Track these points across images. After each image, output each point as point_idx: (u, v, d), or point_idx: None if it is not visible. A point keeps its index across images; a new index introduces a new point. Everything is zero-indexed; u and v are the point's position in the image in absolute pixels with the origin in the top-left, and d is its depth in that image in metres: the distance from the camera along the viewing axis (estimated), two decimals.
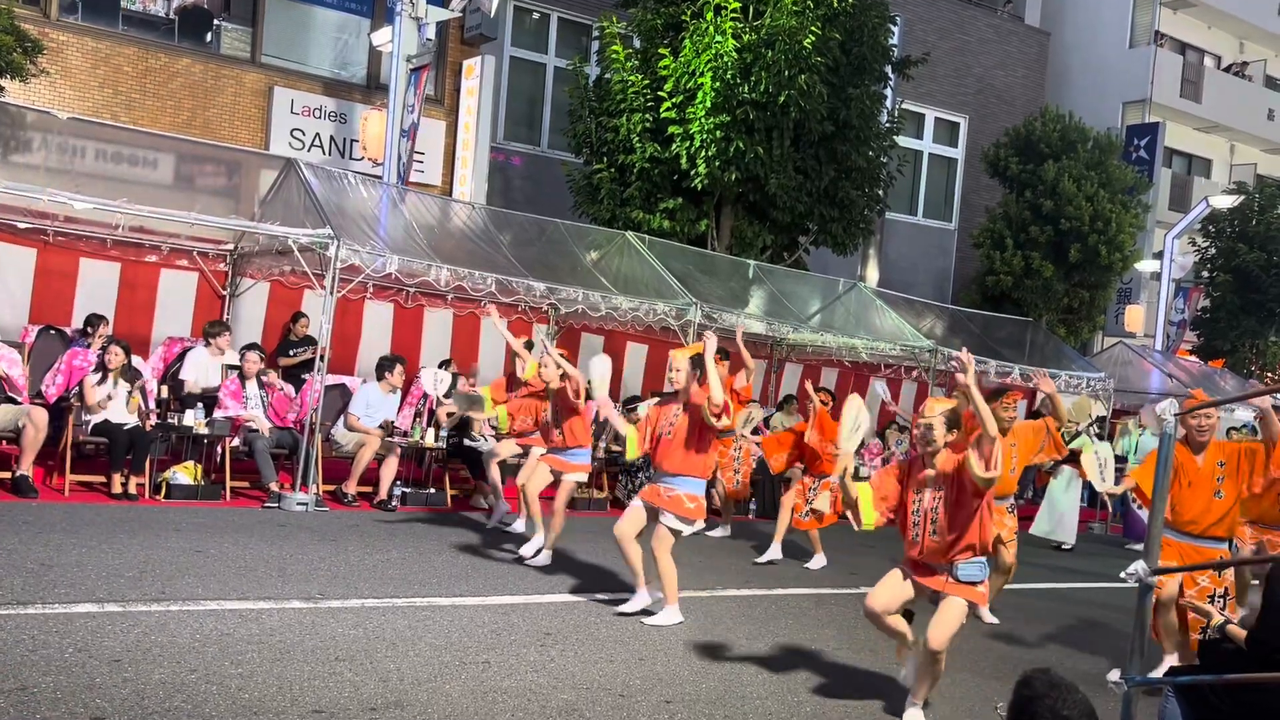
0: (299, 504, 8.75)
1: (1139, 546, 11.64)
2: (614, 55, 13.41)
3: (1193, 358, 21.96)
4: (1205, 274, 23.36)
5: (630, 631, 6.12)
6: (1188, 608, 4.91)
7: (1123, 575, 3.79)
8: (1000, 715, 2.60)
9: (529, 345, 8.91)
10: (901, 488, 4.99)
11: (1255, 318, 22.89)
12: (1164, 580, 5.77)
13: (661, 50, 13.07)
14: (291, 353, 10.63)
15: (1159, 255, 21.64)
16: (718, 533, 10.12)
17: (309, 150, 14.36)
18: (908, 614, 4.95)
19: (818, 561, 8.98)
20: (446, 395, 9.79)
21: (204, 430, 8.86)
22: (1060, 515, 12.12)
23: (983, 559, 4.75)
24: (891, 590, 4.93)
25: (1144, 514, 11.94)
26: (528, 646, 5.56)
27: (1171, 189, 25.96)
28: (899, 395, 14.92)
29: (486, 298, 10.32)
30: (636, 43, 13.90)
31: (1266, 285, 22.56)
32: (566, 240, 11.59)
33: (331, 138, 14.70)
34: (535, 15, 17.25)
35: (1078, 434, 12.50)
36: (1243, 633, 4.12)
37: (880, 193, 14.68)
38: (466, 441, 10.10)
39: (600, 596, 6.90)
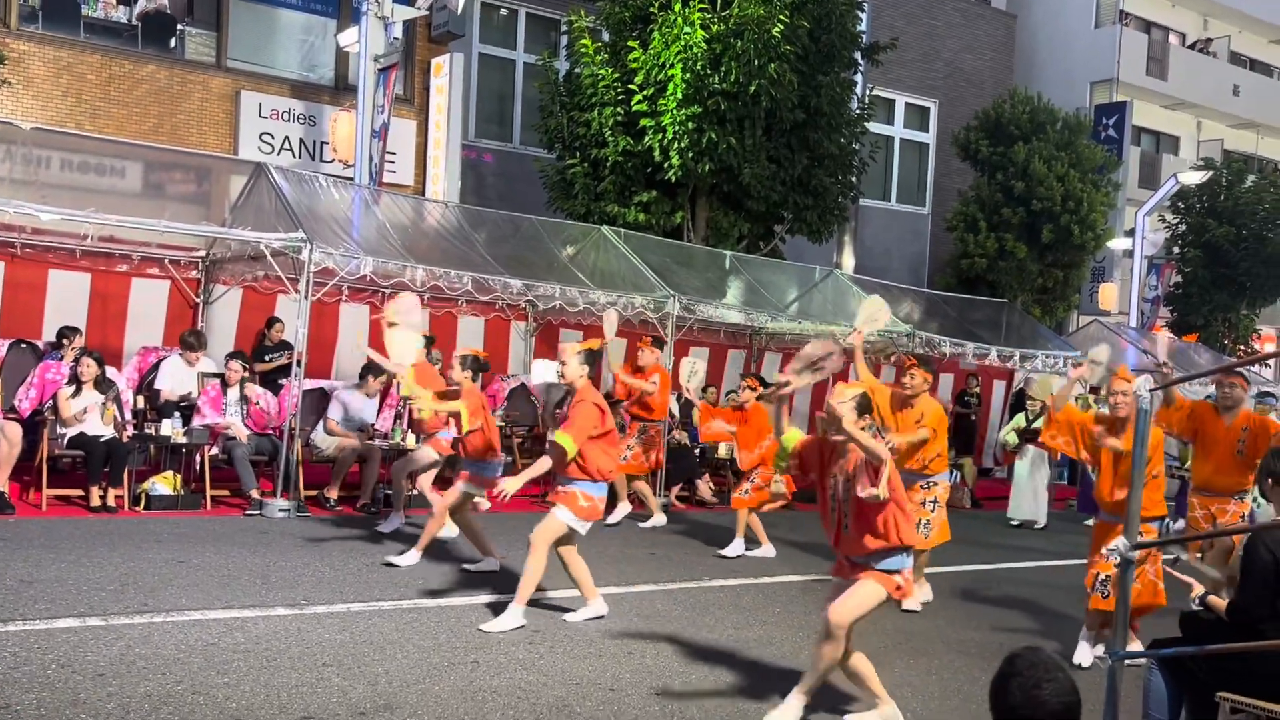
0: (280, 510, 8.69)
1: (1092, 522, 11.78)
2: (583, 49, 13.37)
3: (1167, 332, 22.16)
4: (1176, 250, 23.56)
5: (618, 626, 6.12)
6: (1173, 576, 4.90)
7: (1103, 552, 3.82)
8: None
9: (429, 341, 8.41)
10: (821, 465, 4.73)
11: (1226, 291, 23.11)
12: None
13: (631, 43, 13.04)
14: (267, 358, 10.55)
15: (1130, 233, 21.79)
16: (651, 523, 9.67)
17: (279, 154, 14.24)
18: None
19: (766, 550, 8.75)
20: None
21: (182, 439, 8.78)
22: (1027, 495, 12.12)
23: (904, 554, 4.55)
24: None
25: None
26: (516, 645, 5.55)
27: (1141, 167, 26.14)
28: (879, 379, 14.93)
29: (462, 296, 10.28)
30: (605, 36, 13.86)
31: (1236, 259, 22.79)
32: (542, 236, 11.56)
33: (301, 140, 14.58)
34: (503, 11, 17.17)
35: (1042, 412, 12.60)
36: (1222, 603, 4.16)
37: (853, 179, 14.71)
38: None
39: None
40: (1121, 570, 3.69)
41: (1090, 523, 11.79)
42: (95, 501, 8.26)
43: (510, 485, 5.81)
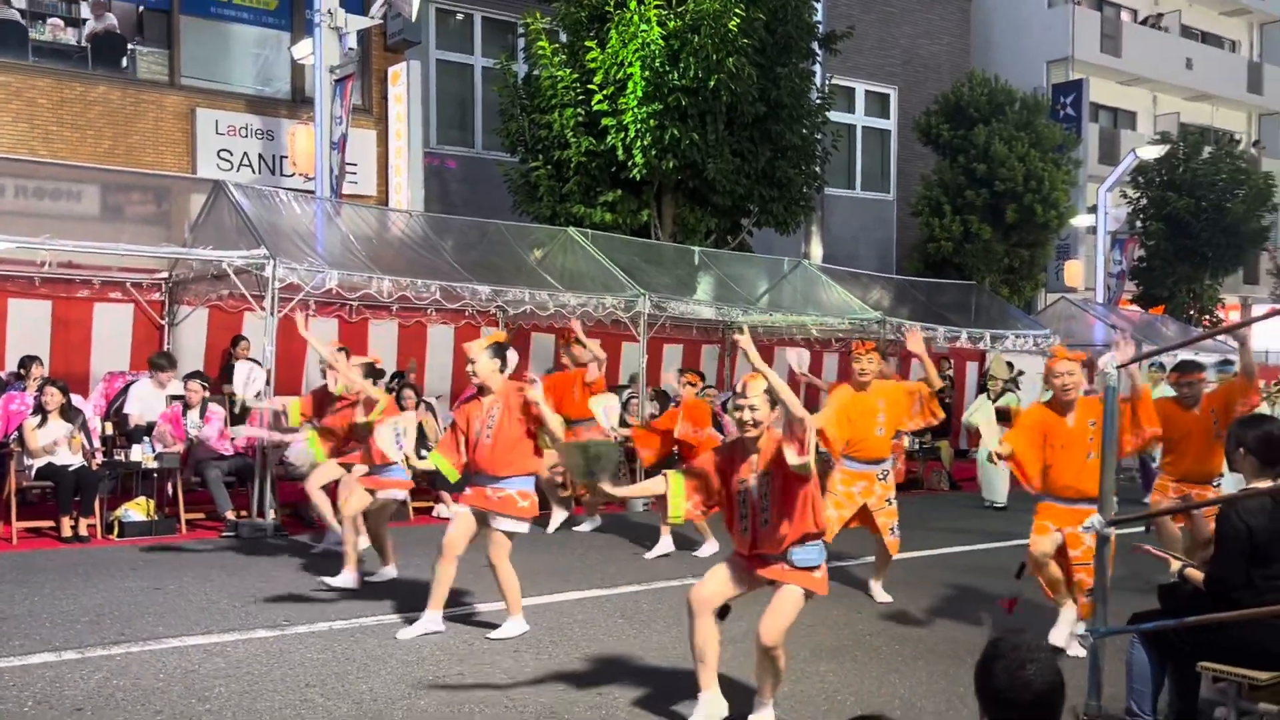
0: (257, 530, 8.60)
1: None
2: (540, 51, 13.32)
3: (1134, 307, 22.41)
4: (1139, 224, 23.82)
5: (603, 630, 6.10)
6: (1150, 553, 4.90)
7: (1080, 529, 3.84)
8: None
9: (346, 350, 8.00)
10: (723, 478, 4.51)
11: (1189, 263, 23.42)
12: (1036, 539, 5.64)
13: (588, 43, 13.01)
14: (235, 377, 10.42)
15: (1093, 209, 22.00)
16: (586, 526, 9.46)
17: (238, 170, 14.09)
18: (723, 610, 4.51)
19: (709, 548, 8.43)
20: (257, 396, 8.84)
21: (153, 464, 8.67)
22: (991, 475, 12.07)
23: (819, 542, 4.39)
24: (719, 584, 4.49)
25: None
26: (501, 654, 5.52)
27: (1100, 143, 26.41)
28: (850, 367, 15.00)
29: (431, 305, 10.22)
30: (562, 37, 13.81)
31: (1197, 230, 23.09)
32: (508, 241, 11.50)
33: (260, 156, 14.43)
34: (458, 16, 17.08)
35: (1003, 391, 12.69)
36: (1200, 575, 4.20)
37: (817, 169, 14.75)
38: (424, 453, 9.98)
39: (569, 598, 6.87)
40: (1098, 546, 3.71)
41: None
42: (67, 532, 8.15)
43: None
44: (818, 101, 14.73)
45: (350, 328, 11.62)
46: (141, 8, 14.17)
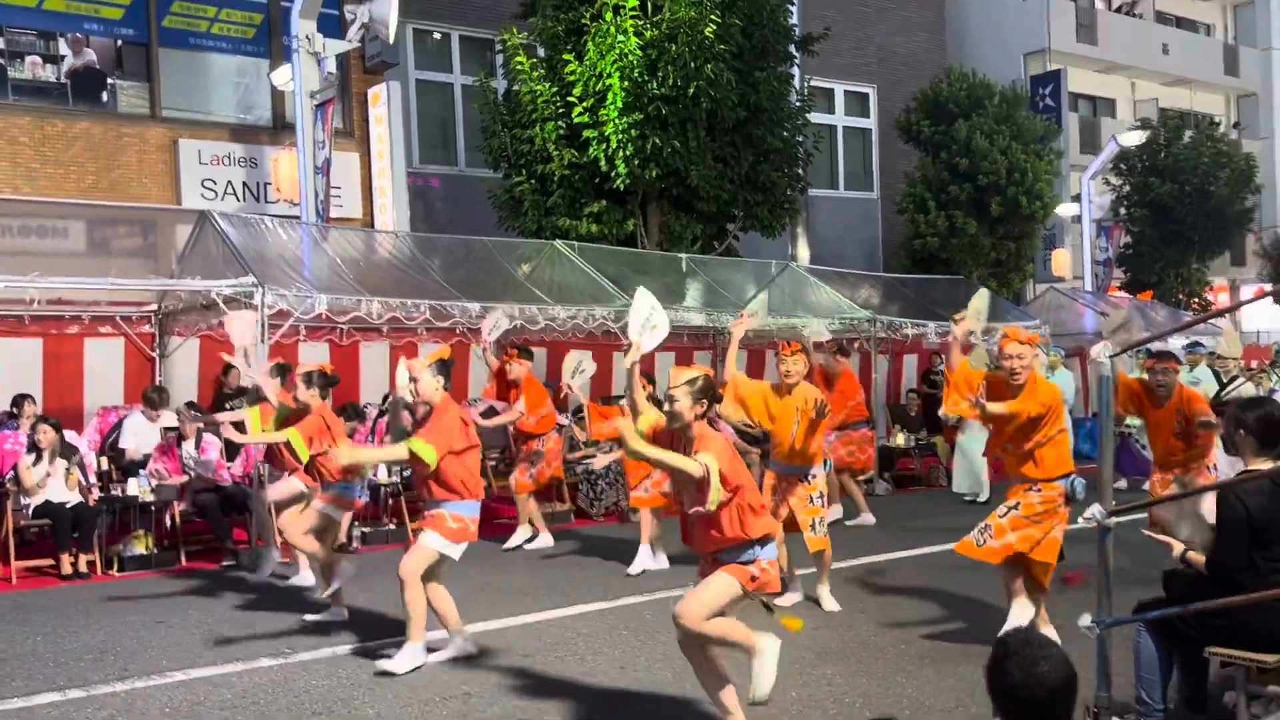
0: (257, 559, 8.55)
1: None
2: (519, 66, 13.34)
3: (1122, 293, 22.49)
4: (1123, 211, 23.94)
5: (607, 642, 6.09)
6: (1155, 539, 4.91)
7: (1081, 519, 3.85)
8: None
9: (281, 369, 7.68)
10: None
11: (1175, 247, 23.53)
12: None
13: (566, 56, 13.03)
14: (228, 406, 10.39)
15: (1077, 198, 22.10)
16: (538, 543, 9.11)
17: (223, 199, 14.07)
18: (766, 606, 4.36)
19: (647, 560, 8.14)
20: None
21: (150, 497, 8.64)
22: (972, 468, 12.01)
23: (758, 545, 4.18)
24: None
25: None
26: (506, 672, 5.50)
27: (1080, 132, 26.55)
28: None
29: (421, 325, 10.20)
30: (540, 51, 13.84)
31: (1182, 215, 23.20)
32: (495, 257, 11.50)
33: (245, 184, 14.42)
34: (436, 36, 17.11)
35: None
36: (1201, 558, 4.21)
37: (800, 171, 14.79)
38: None
39: (574, 611, 6.86)
40: (1100, 536, 3.71)
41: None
42: (67, 569, 8.11)
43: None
44: (797, 104, 14.77)
45: (341, 351, 11.60)
46: (120, 42, 14.17)
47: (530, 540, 9.17)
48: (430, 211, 16.31)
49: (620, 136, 12.53)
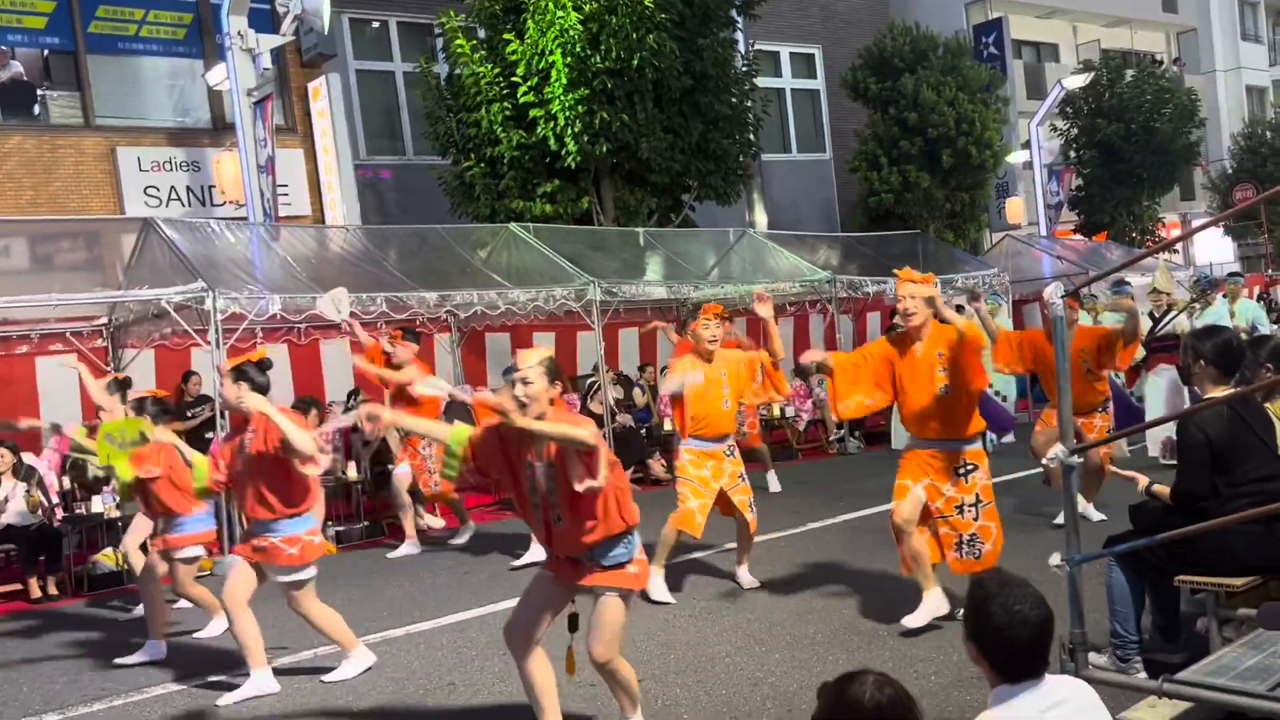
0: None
1: (1009, 439, 11.82)
2: (459, 49, 13.16)
3: (1077, 236, 22.69)
4: (1072, 154, 24.12)
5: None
6: (1113, 475, 4.93)
7: (1045, 461, 3.86)
8: (960, 620, 2.61)
9: (121, 385, 7.08)
10: (505, 451, 3.90)
11: (1126, 186, 23.75)
12: (897, 505, 5.26)
13: (506, 35, 12.87)
14: (190, 414, 10.25)
15: (1026, 145, 22.24)
16: (461, 539, 8.65)
17: (167, 205, 13.82)
18: (572, 620, 4.06)
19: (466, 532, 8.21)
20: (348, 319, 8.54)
21: (116, 513, 8.49)
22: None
23: (629, 535, 3.90)
24: (531, 615, 4.06)
25: (1008, 406, 12.30)
26: (491, 659, 5.47)
27: (1026, 78, 26.64)
28: (807, 330, 15.07)
29: (380, 318, 10.09)
30: (480, 33, 13.66)
31: (1130, 154, 23.42)
32: (450, 244, 11.39)
33: (188, 188, 14.16)
34: (374, 24, 16.83)
35: None
36: (1166, 490, 4.25)
37: (751, 137, 14.74)
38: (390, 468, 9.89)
39: None
40: (1064, 475, 3.73)
41: (999, 440, 12.03)
42: (36, 593, 7.97)
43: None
44: (743, 69, 14.71)
45: (301, 351, 11.47)
46: (46, 51, 13.82)
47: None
48: (382, 203, 16.12)
49: (567, 114, 12.41)
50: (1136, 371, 9.71)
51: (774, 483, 10.36)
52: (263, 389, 5.11)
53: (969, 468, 5.24)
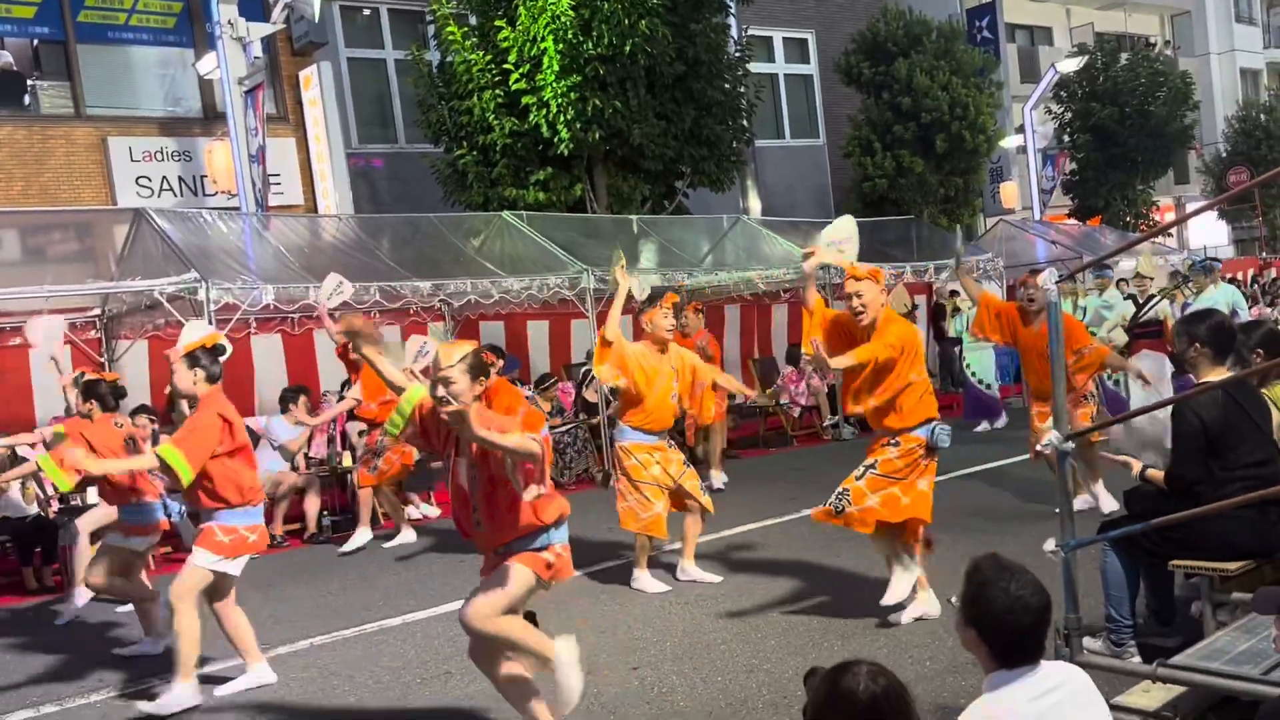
0: None
1: (1001, 423, 11.79)
2: (451, 37, 13.09)
3: (1071, 220, 22.70)
4: (1066, 138, 24.11)
5: (587, 607, 6.08)
6: (1108, 459, 4.93)
7: (1039, 447, 3.87)
8: (954, 605, 2.60)
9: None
10: (445, 438, 3.78)
11: (1120, 169, 23.76)
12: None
13: (498, 22, 12.81)
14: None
15: (1020, 129, 22.23)
16: (398, 540, 8.50)
17: (159, 195, 13.76)
18: (529, 616, 3.88)
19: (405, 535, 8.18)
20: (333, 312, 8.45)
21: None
22: None
23: (544, 533, 3.75)
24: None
25: (993, 393, 12.27)
26: None
27: (1019, 62, 26.62)
28: (801, 317, 15.03)
29: (374, 308, 10.06)
30: (472, 20, 13.59)
31: (1124, 137, 23.41)
32: (443, 233, 11.35)
33: (180, 178, 14.10)
34: (365, 11, 16.74)
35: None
36: (1160, 475, 4.25)
37: (744, 123, 14.69)
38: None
39: None
40: (1059, 461, 3.73)
41: (993, 425, 12.03)
42: (32, 584, 7.97)
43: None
44: (736, 54, 14.65)
45: (295, 341, 11.44)
46: (36, 41, 13.74)
47: (392, 538, 8.53)
48: (374, 191, 16.06)
49: (559, 100, 12.36)
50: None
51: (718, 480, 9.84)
52: (214, 377, 4.99)
53: (894, 441, 5.13)
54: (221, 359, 5.10)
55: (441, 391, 3.53)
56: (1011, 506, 7.67)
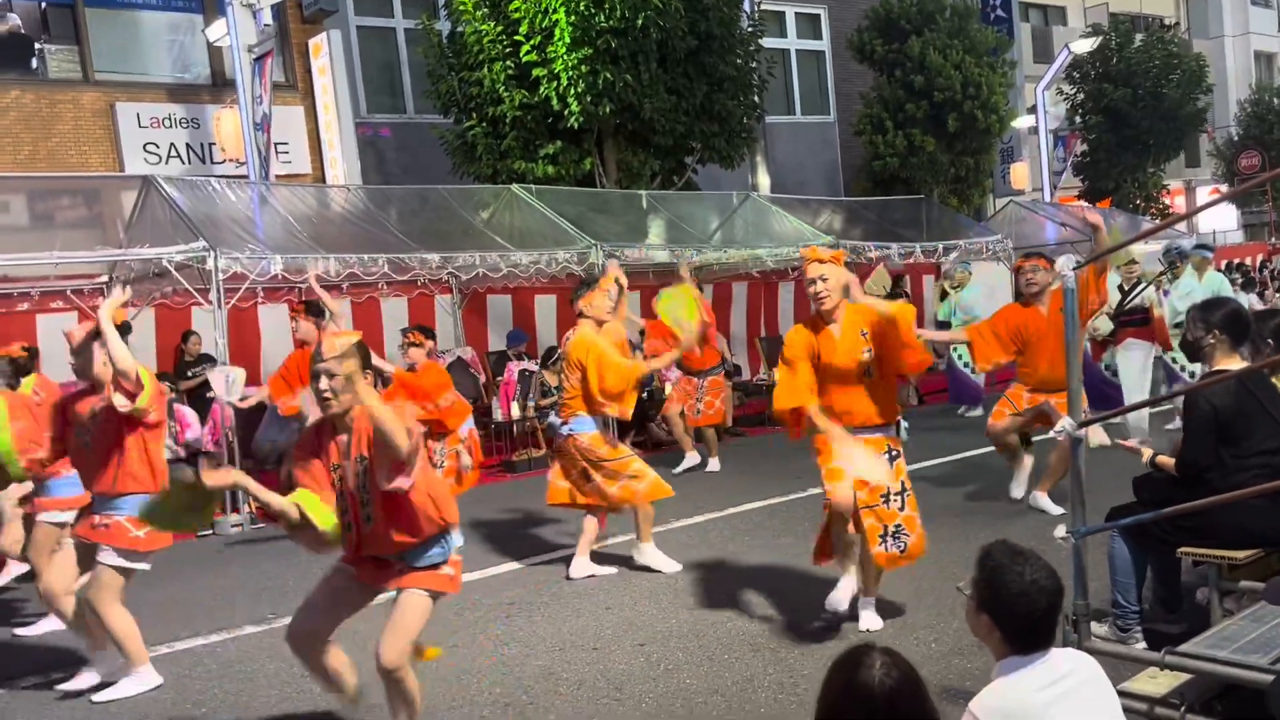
0: (233, 526, 8.51)
1: (976, 412, 11.71)
2: (461, 6, 12.98)
3: (1080, 202, 22.57)
4: (1079, 119, 23.94)
5: (593, 584, 6.11)
6: (1121, 449, 4.89)
7: (1051, 433, 3.86)
8: (964, 592, 2.60)
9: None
10: (323, 459, 3.60)
11: (1131, 152, 23.61)
12: (831, 487, 4.70)
13: None
14: (190, 374, 10.26)
15: (1032, 109, 22.06)
16: None
17: (167, 162, 13.71)
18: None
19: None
20: (242, 400, 8.23)
21: None
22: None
23: (445, 536, 3.66)
24: (314, 616, 3.76)
25: (977, 378, 12.20)
26: (492, 620, 5.51)
27: (1033, 42, 26.39)
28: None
29: (381, 279, 10.06)
30: None
31: (1137, 119, 23.24)
32: (452, 205, 11.31)
33: (188, 145, 14.04)
34: None
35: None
36: (1170, 461, 4.25)
37: (755, 99, 14.59)
38: None
39: (556, 555, 6.87)
40: (1072, 448, 3.72)
41: (965, 413, 11.92)
42: None
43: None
44: (748, 29, 14.53)
45: None
46: (45, 4, 13.65)
47: None
48: (382, 162, 16.00)
49: (570, 73, 12.28)
50: (1104, 345, 9.43)
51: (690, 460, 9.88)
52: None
53: (894, 454, 4.81)
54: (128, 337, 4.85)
55: (324, 384, 3.45)
56: (988, 499, 7.50)
